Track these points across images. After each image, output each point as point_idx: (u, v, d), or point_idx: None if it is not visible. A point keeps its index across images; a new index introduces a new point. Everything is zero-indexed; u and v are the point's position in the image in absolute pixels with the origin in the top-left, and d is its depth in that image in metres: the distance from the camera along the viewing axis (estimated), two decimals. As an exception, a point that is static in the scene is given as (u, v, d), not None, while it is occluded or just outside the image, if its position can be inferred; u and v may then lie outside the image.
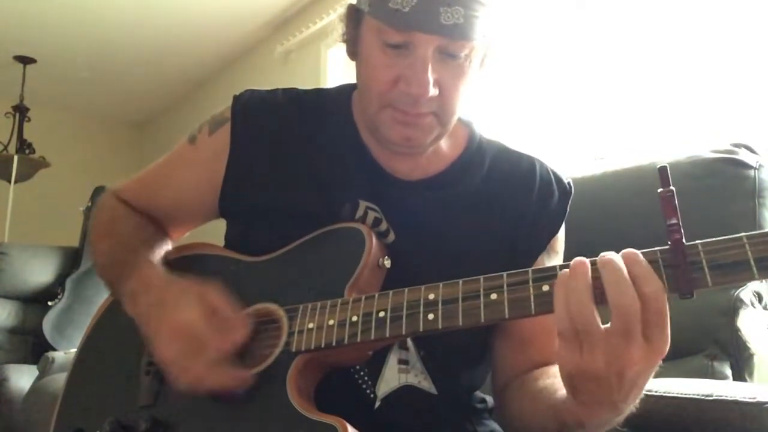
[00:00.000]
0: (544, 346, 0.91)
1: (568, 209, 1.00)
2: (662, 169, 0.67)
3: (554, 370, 0.77)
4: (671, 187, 0.66)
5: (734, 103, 2.06)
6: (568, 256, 0.98)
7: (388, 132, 0.92)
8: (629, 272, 0.65)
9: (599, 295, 0.66)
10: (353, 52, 0.95)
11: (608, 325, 0.65)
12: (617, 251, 0.68)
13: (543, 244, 0.98)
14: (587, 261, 0.68)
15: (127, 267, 0.96)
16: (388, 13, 0.84)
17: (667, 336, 0.66)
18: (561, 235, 1.01)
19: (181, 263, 1.01)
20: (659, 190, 0.67)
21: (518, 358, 0.95)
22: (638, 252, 0.67)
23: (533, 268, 0.73)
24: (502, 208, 0.98)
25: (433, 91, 0.86)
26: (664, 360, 0.68)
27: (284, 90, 1.06)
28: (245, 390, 0.83)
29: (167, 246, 1.07)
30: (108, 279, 1.02)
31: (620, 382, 0.66)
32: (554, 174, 1.02)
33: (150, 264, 0.97)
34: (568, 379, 0.70)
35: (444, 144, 1.00)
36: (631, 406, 0.72)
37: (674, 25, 2.26)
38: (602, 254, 0.68)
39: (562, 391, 0.75)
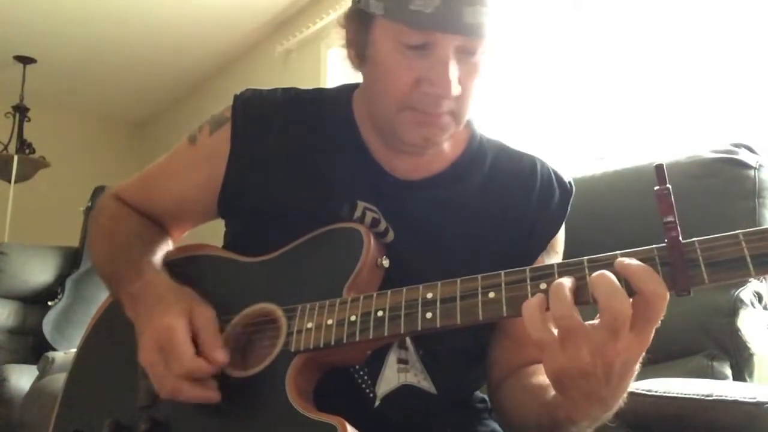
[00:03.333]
0: None
1: (569, 209, 1.00)
2: (658, 167, 0.67)
3: None
4: (667, 185, 0.66)
5: (734, 103, 2.06)
6: (568, 255, 0.98)
7: (408, 134, 0.91)
8: (626, 272, 0.66)
9: (579, 294, 0.67)
10: (361, 56, 0.94)
11: (593, 321, 0.66)
12: (617, 251, 0.68)
13: (543, 243, 0.98)
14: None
15: (131, 269, 0.96)
16: (409, 15, 0.84)
17: (652, 332, 0.66)
18: (561, 234, 1.01)
19: (181, 264, 1.01)
20: (656, 187, 0.67)
21: (514, 355, 0.95)
22: (631, 258, 0.67)
23: (531, 266, 0.73)
24: (502, 207, 0.98)
25: (456, 90, 0.86)
26: (664, 360, 0.68)
27: (284, 89, 1.06)
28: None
29: (168, 246, 1.08)
30: (109, 280, 1.02)
31: (607, 375, 0.67)
32: (555, 173, 1.01)
33: (153, 269, 0.97)
34: (555, 380, 0.70)
35: (445, 143, 1.00)
36: (620, 401, 0.72)
37: (674, 25, 2.26)
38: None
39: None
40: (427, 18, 0.83)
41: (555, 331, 0.67)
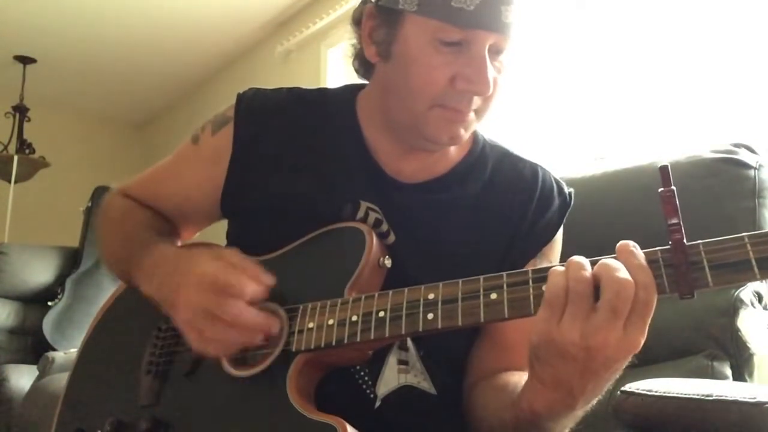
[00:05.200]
0: (521, 354, 0.88)
1: (564, 220, 1.01)
2: (663, 169, 0.67)
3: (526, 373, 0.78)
4: (672, 187, 0.66)
5: (734, 103, 2.06)
6: (566, 255, 0.99)
7: (435, 132, 0.91)
8: (624, 261, 0.66)
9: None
10: (385, 54, 0.92)
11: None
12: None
13: (535, 250, 0.98)
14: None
15: (141, 250, 0.96)
16: (451, 12, 0.84)
17: (644, 331, 0.65)
18: (556, 244, 1.01)
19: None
20: (660, 189, 0.67)
21: (493, 358, 0.95)
22: (635, 245, 0.67)
23: (533, 268, 0.73)
24: (501, 212, 0.98)
25: (492, 88, 0.87)
26: (664, 360, 0.68)
27: (288, 89, 1.06)
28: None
29: (177, 241, 1.08)
30: (120, 265, 1.02)
31: (585, 366, 0.66)
32: (557, 183, 1.02)
33: (163, 243, 0.97)
34: (534, 349, 0.69)
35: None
36: (586, 406, 0.73)
37: (674, 25, 2.26)
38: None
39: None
40: (469, 15, 0.84)
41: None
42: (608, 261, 0.66)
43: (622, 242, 0.68)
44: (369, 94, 1.02)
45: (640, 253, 0.67)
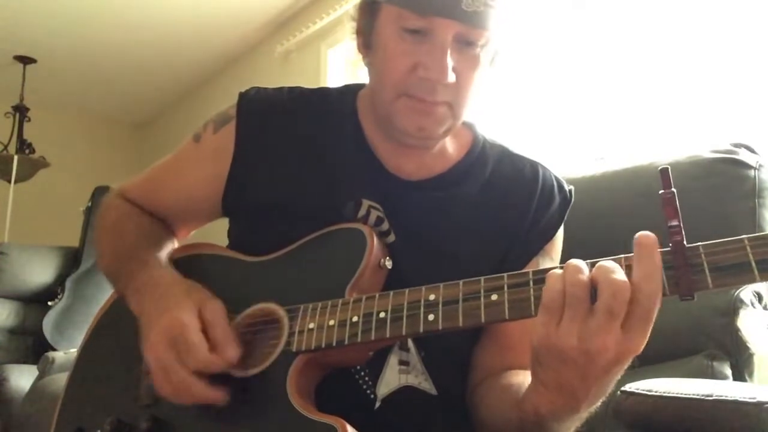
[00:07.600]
0: (525, 353, 0.91)
1: (565, 217, 1.01)
2: (664, 171, 0.67)
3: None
4: (672, 189, 0.66)
5: (734, 103, 2.06)
6: (567, 255, 0.99)
7: (403, 122, 0.91)
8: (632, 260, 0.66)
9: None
10: (367, 45, 0.95)
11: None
12: (616, 252, 0.69)
13: (537, 248, 0.98)
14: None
15: (136, 265, 0.97)
16: None
17: (645, 334, 0.65)
18: (558, 241, 1.01)
19: (185, 263, 1.01)
20: (660, 191, 0.67)
21: (496, 358, 0.95)
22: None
23: (533, 269, 0.73)
24: (502, 211, 0.98)
25: (451, 77, 0.87)
26: (664, 360, 0.68)
27: (290, 88, 1.06)
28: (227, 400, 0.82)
29: (173, 245, 1.08)
30: (113, 277, 1.03)
31: (586, 369, 0.66)
32: (557, 181, 1.02)
33: (159, 264, 0.97)
34: (535, 353, 0.70)
35: (449, 145, 1.00)
36: (590, 408, 0.73)
37: (674, 25, 2.26)
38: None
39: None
40: (428, 3, 0.85)
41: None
42: (605, 263, 0.66)
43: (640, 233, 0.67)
44: (366, 91, 1.03)
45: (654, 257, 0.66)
